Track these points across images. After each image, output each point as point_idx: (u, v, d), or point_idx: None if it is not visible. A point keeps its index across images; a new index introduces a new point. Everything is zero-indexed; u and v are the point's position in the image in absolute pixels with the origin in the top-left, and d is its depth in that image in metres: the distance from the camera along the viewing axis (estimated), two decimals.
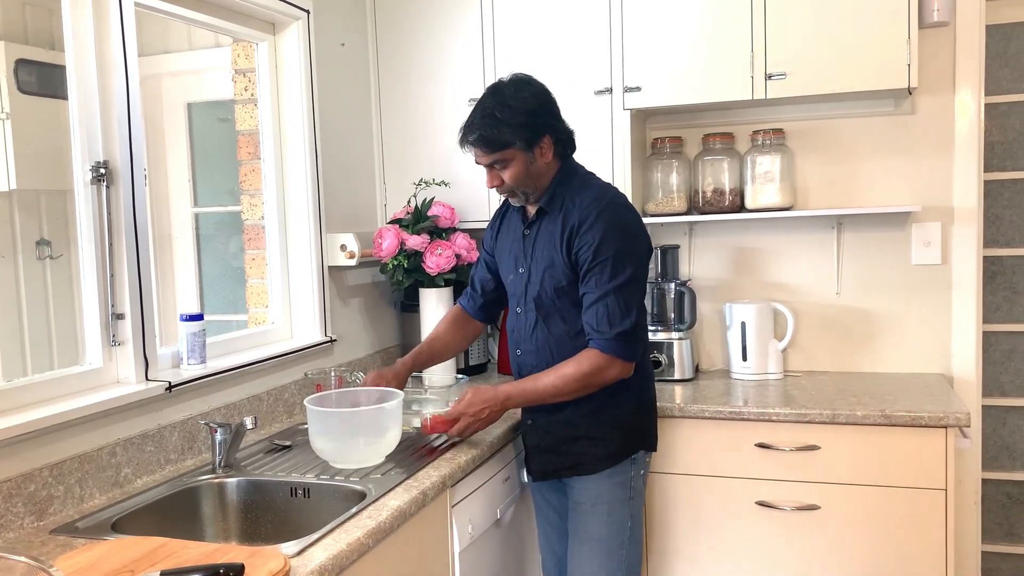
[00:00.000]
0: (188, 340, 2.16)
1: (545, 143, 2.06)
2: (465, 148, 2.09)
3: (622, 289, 2.00)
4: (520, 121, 2.01)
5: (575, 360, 2.04)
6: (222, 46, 3.08)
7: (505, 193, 2.14)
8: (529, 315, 2.16)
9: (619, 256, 2.01)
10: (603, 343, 2.01)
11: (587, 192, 2.08)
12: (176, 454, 2.08)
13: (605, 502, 2.13)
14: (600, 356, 2.01)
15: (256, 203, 2.71)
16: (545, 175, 2.10)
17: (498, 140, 2.02)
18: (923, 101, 2.76)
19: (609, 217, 2.02)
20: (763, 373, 2.80)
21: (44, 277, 2.86)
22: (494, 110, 2.02)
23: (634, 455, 2.15)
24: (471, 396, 2.10)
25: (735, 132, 2.90)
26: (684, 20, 2.64)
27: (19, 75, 2.69)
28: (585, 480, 2.14)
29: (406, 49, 2.98)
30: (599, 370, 2.02)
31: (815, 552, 2.42)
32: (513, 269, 2.22)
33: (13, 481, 1.65)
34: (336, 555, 1.50)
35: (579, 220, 2.03)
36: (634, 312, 2.02)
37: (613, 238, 2.00)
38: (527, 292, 2.16)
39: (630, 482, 2.15)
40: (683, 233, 3.02)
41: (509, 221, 2.27)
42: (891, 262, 2.84)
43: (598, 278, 2.01)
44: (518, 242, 2.21)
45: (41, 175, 2.74)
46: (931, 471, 2.32)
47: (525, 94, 2.05)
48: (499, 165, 2.06)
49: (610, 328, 2.00)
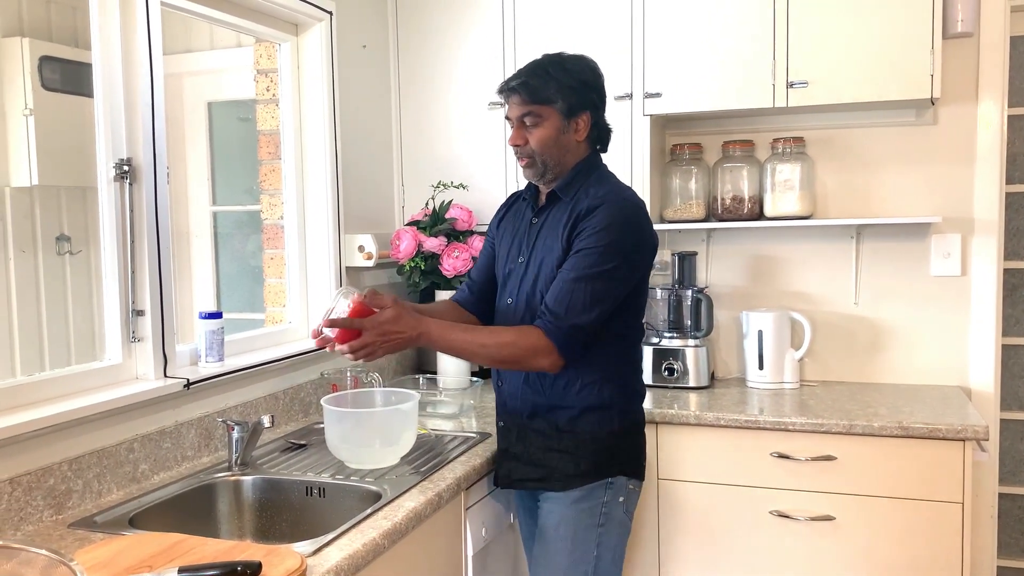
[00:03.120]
0: (206, 338, 2.17)
1: (583, 119, 1.95)
2: (503, 95, 1.97)
3: (596, 280, 1.84)
4: (570, 83, 1.91)
5: (516, 330, 1.88)
6: (244, 46, 3.09)
7: (524, 158, 1.98)
8: (519, 307, 2.00)
9: (612, 249, 1.85)
10: (551, 327, 1.83)
11: (603, 186, 1.95)
12: (193, 451, 2.09)
13: (570, 526, 1.94)
14: (541, 338, 1.83)
15: (275, 203, 2.73)
16: (571, 154, 1.97)
17: (541, 92, 1.91)
18: (945, 112, 2.74)
19: (617, 211, 1.89)
20: (779, 382, 2.79)
21: (63, 273, 2.88)
22: (548, 66, 1.93)
23: (611, 479, 1.96)
24: (390, 316, 1.78)
25: (755, 139, 2.89)
26: (706, 27, 2.64)
27: (43, 72, 2.72)
28: (553, 501, 1.97)
29: (427, 52, 2.99)
30: (534, 352, 1.83)
31: (830, 563, 2.40)
32: (514, 258, 2.06)
33: (33, 475, 1.66)
34: (351, 555, 1.50)
35: (588, 207, 1.90)
36: (598, 310, 1.84)
37: (613, 230, 1.86)
38: (522, 283, 2.00)
39: (601, 508, 1.95)
40: (701, 240, 3.02)
41: (517, 210, 2.14)
42: (910, 273, 2.82)
43: (579, 260, 1.85)
44: (523, 231, 2.06)
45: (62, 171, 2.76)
46: (948, 484, 2.30)
47: (582, 66, 1.96)
48: (530, 121, 1.93)
49: (565, 314, 1.83)
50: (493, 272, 2.16)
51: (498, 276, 2.13)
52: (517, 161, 2.03)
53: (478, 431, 2.30)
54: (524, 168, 2.01)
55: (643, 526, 2.55)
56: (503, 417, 2.08)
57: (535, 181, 2.03)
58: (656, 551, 2.56)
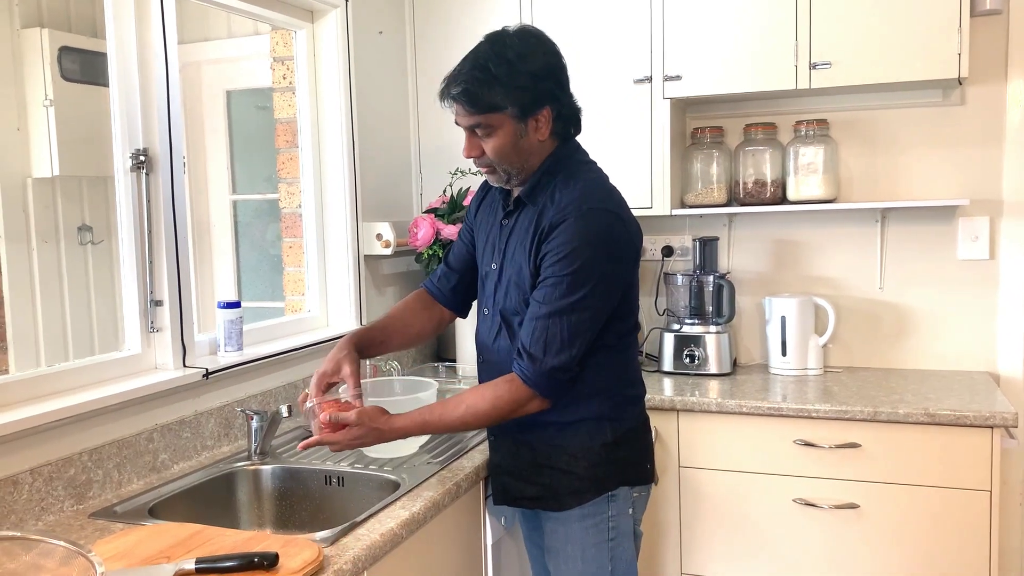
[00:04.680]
0: (225, 327, 2.17)
1: (543, 116, 1.71)
2: (445, 103, 1.73)
3: (572, 313, 1.65)
4: (519, 83, 1.65)
5: (492, 390, 1.70)
6: (261, 34, 3.09)
7: (484, 167, 1.77)
8: (495, 319, 1.83)
9: (581, 274, 1.65)
10: (530, 373, 1.67)
11: (571, 189, 1.71)
12: (212, 440, 2.09)
13: (579, 547, 1.80)
14: (521, 389, 1.68)
15: (293, 191, 2.72)
16: (536, 154, 1.74)
17: (486, 100, 1.66)
18: (973, 91, 2.68)
19: (583, 226, 1.66)
20: (803, 368, 2.75)
21: (86, 262, 2.90)
22: (488, 62, 1.66)
23: (612, 492, 1.80)
24: (358, 418, 1.69)
25: (778, 122, 2.85)
26: (727, 7, 2.59)
27: (62, 62, 2.72)
28: (555, 521, 1.82)
29: (443, 37, 2.96)
30: (518, 404, 1.69)
31: (854, 552, 2.38)
32: (487, 262, 1.87)
33: (54, 465, 1.67)
34: (370, 545, 1.50)
35: (550, 224, 1.68)
36: (578, 344, 1.66)
37: (582, 252, 1.65)
38: (495, 293, 1.83)
39: (608, 522, 1.80)
40: (723, 225, 2.98)
41: (493, 200, 1.90)
42: (936, 257, 2.77)
43: (549, 292, 1.66)
44: (496, 230, 1.85)
45: (83, 161, 2.77)
46: (975, 472, 2.27)
47: (531, 50, 1.68)
48: (482, 131, 1.70)
49: (543, 356, 1.65)
50: (471, 262, 1.98)
51: (478, 275, 1.95)
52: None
53: None
54: (487, 175, 1.82)
55: (665, 514, 2.54)
56: (492, 431, 1.92)
57: (501, 186, 1.83)
58: (678, 539, 2.54)
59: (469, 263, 1.98)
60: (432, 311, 2.02)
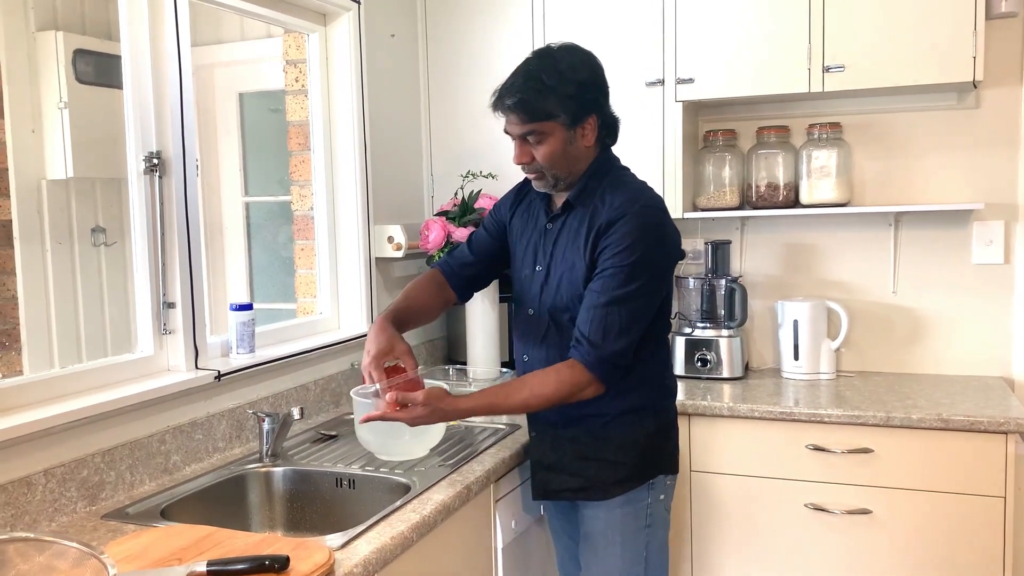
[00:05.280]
0: (237, 329, 2.18)
1: (589, 124, 1.84)
2: (498, 112, 1.84)
3: (630, 302, 1.77)
4: (569, 92, 1.78)
5: (555, 374, 1.80)
6: (274, 36, 3.09)
7: (532, 174, 1.89)
8: (542, 320, 1.93)
9: (639, 267, 1.78)
10: (591, 359, 1.77)
11: (621, 191, 1.85)
12: (224, 442, 2.10)
13: (618, 533, 1.91)
14: (583, 373, 1.78)
15: (306, 194, 2.73)
16: (582, 161, 1.87)
17: (540, 109, 1.78)
18: (988, 95, 2.66)
19: (640, 222, 1.79)
20: (815, 373, 2.74)
21: (99, 264, 2.91)
22: (541, 74, 1.78)
23: (652, 480, 1.93)
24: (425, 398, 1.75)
25: (790, 125, 2.83)
26: (739, 10, 2.59)
27: (77, 65, 2.73)
28: (595, 508, 1.93)
29: (455, 40, 2.96)
30: (578, 389, 1.79)
31: (866, 558, 2.36)
32: (530, 265, 1.97)
33: (67, 466, 1.68)
34: (380, 548, 1.50)
35: (607, 220, 1.80)
36: (634, 331, 1.79)
37: (639, 245, 1.78)
38: (542, 294, 1.93)
39: (647, 509, 1.93)
40: (735, 228, 2.97)
41: (531, 207, 2.02)
42: (951, 261, 2.75)
43: (609, 281, 1.78)
44: (538, 235, 1.97)
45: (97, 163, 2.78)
46: (989, 478, 2.25)
47: (577, 62, 1.82)
48: (534, 138, 1.81)
49: (603, 342, 1.76)
50: (492, 254, 2.08)
51: (513, 277, 2.05)
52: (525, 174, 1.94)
53: (508, 423, 2.29)
54: (534, 181, 1.92)
55: (676, 519, 2.52)
56: (534, 427, 2.02)
57: (547, 191, 1.95)
58: (689, 544, 2.53)
59: (489, 254, 2.08)
60: (444, 293, 2.08)
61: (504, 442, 2.13)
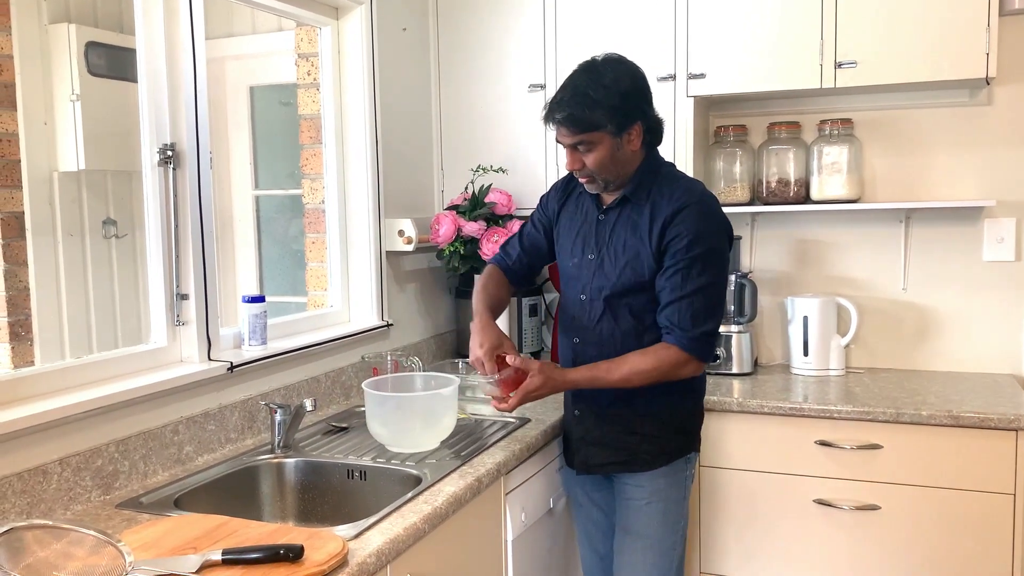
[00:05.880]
0: (250, 321, 2.19)
1: (635, 130, 1.95)
2: (550, 125, 1.97)
3: (708, 289, 1.94)
4: (614, 103, 1.90)
5: (653, 354, 1.95)
6: (285, 30, 3.10)
7: (584, 178, 2.02)
8: (595, 304, 2.05)
9: (710, 255, 1.94)
10: (685, 340, 1.93)
11: (677, 184, 2.00)
12: (236, 433, 2.11)
13: (661, 500, 2.07)
14: (679, 353, 1.94)
15: (317, 187, 2.74)
16: (630, 164, 1.99)
17: (588, 121, 1.90)
18: (1001, 92, 2.66)
19: (703, 212, 1.95)
20: (824, 369, 2.74)
21: (110, 256, 2.93)
22: (587, 88, 1.90)
23: (688, 455, 2.11)
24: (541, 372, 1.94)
25: (802, 121, 2.83)
26: (751, 5, 2.58)
27: (89, 57, 2.75)
28: (639, 476, 2.07)
29: (467, 34, 2.97)
30: (676, 367, 1.95)
31: (874, 553, 2.37)
32: (579, 253, 2.09)
33: (82, 455, 1.70)
34: (393, 539, 1.51)
35: (673, 210, 1.94)
36: (718, 312, 1.98)
37: (707, 235, 1.93)
38: (594, 279, 2.05)
39: (685, 482, 2.11)
40: (745, 224, 2.97)
41: (580, 201, 2.14)
42: (961, 258, 2.75)
43: (685, 273, 1.93)
44: (589, 225, 2.09)
45: (108, 156, 2.80)
46: (998, 475, 2.25)
47: (621, 74, 1.94)
48: (583, 147, 1.94)
49: (693, 327, 1.92)
50: (542, 247, 2.23)
51: (560, 265, 2.18)
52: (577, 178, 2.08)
53: (518, 416, 2.29)
54: (586, 184, 2.05)
55: None
56: (578, 405, 2.13)
57: (599, 192, 2.07)
58: (697, 539, 2.54)
59: (538, 246, 2.24)
60: (508, 286, 2.27)
61: (515, 435, 2.13)
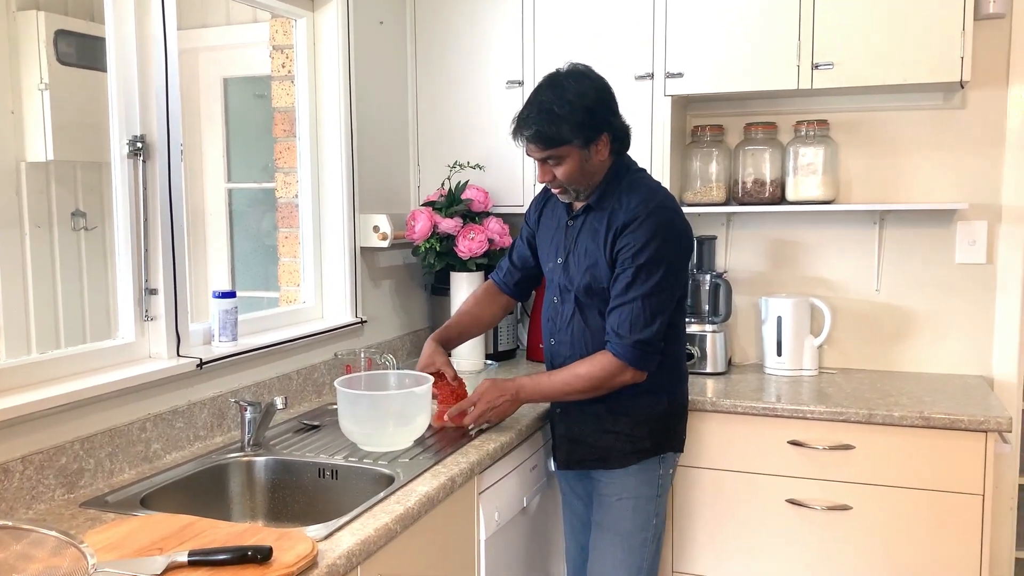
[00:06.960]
0: (220, 317, 2.15)
1: (602, 140, 2.00)
2: (518, 141, 2.02)
3: (651, 296, 1.97)
4: (579, 118, 1.94)
5: (589, 361, 2.02)
6: (260, 21, 3.06)
7: (556, 189, 2.08)
8: (567, 306, 2.13)
9: (655, 264, 1.96)
10: (619, 348, 1.98)
11: (636, 193, 2.02)
12: (205, 431, 2.08)
13: (631, 496, 2.11)
14: (613, 361, 1.99)
15: (290, 181, 2.70)
16: (598, 173, 2.04)
17: (555, 137, 1.94)
18: (974, 95, 2.68)
19: (655, 222, 1.97)
20: (798, 369, 2.75)
21: (79, 249, 2.87)
22: (552, 104, 1.94)
23: (663, 455, 2.13)
24: (489, 385, 2.09)
25: (778, 122, 2.84)
26: (730, 5, 2.58)
27: (58, 46, 2.69)
28: (612, 473, 2.12)
29: (444, 29, 2.94)
30: (611, 375, 2.00)
31: (845, 553, 2.38)
32: (552, 258, 2.18)
33: (45, 453, 1.66)
34: (364, 540, 1.49)
35: (625, 221, 1.98)
36: (658, 321, 1.98)
37: (654, 244, 1.96)
38: (563, 283, 2.13)
39: (658, 480, 2.13)
40: (720, 224, 2.97)
41: (554, 207, 2.22)
42: (934, 260, 2.77)
43: (629, 281, 1.97)
44: (560, 231, 2.16)
45: (78, 147, 2.74)
46: (968, 475, 2.27)
47: (585, 88, 1.97)
48: (553, 161, 1.99)
49: (629, 334, 1.97)
50: (534, 259, 2.31)
51: (542, 268, 2.27)
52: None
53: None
54: (559, 195, 2.12)
55: None
56: (559, 404, 2.19)
57: (571, 201, 2.12)
58: (670, 537, 2.54)
59: (528, 261, 2.33)
60: (500, 300, 2.40)
61: (489, 434, 2.12)
